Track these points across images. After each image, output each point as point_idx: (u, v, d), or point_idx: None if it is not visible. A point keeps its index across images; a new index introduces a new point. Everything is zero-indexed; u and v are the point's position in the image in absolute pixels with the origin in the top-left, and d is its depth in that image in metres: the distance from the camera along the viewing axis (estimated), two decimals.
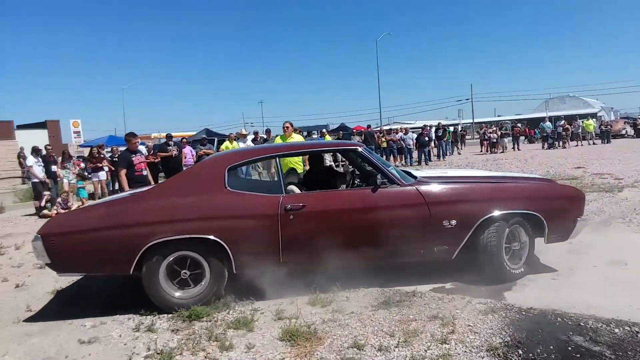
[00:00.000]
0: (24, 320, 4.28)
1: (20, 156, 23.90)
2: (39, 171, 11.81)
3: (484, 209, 4.36)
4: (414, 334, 3.44)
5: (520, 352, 3.08)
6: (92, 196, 13.14)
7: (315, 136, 21.47)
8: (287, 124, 8.28)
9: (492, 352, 3.10)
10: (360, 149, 4.72)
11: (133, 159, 6.98)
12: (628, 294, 3.94)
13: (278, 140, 9.00)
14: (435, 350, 3.18)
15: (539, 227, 4.53)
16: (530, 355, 3.03)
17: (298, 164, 7.51)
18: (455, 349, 3.19)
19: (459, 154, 24.33)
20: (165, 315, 4.11)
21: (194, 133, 28.46)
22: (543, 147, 25.96)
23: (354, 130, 27.29)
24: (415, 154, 20.66)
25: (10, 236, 8.82)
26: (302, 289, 4.38)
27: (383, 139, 20.27)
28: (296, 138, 8.44)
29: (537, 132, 38.31)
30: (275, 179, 7.87)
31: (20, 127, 37.86)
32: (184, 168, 12.80)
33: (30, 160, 11.81)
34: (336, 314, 3.93)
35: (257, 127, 58.79)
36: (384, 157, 20.34)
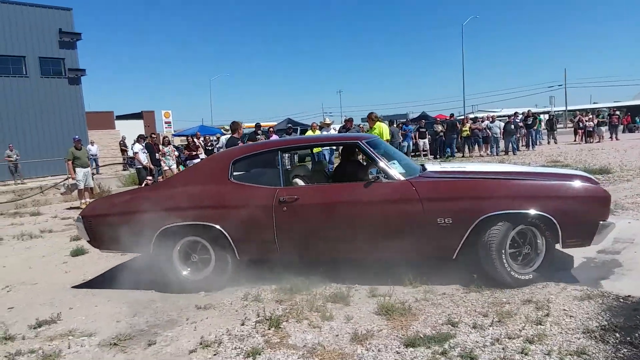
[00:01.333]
0: (144, 289, 4.84)
1: (122, 144, 26.05)
2: (143, 158, 12.90)
3: (484, 207, 4.07)
4: (508, 315, 3.54)
5: (618, 335, 3.10)
6: None
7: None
8: (373, 115, 8.82)
9: (588, 334, 3.15)
10: (360, 143, 4.70)
11: (239, 144, 7.61)
12: None
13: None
14: (530, 330, 3.28)
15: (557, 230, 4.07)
16: (628, 338, 3.04)
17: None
18: (551, 329, 3.27)
19: (555, 142, 23.06)
20: (269, 287, 4.50)
21: (276, 123, 29.38)
22: None
23: (437, 119, 26.80)
24: (502, 144, 19.96)
25: None
26: (389, 272, 4.55)
27: (465, 128, 19.74)
28: (379, 127, 8.74)
29: (637, 120, 35.44)
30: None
31: (119, 117, 41.09)
32: None
33: (137, 147, 12.92)
34: (428, 294, 4.11)
35: (336, 117, 59.29)
36: (468, 146, 19.89)
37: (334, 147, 11.37)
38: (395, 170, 4.40)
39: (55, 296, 4.84)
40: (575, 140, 24.42)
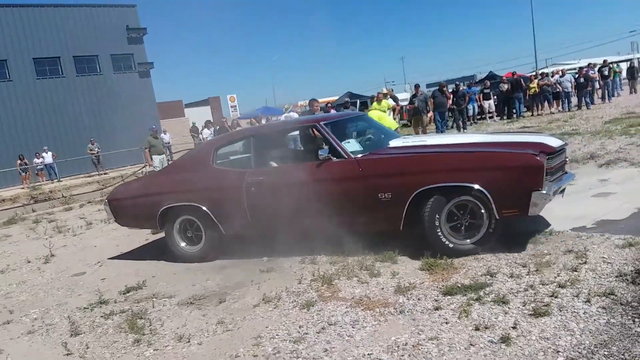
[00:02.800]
0: (216, 259, 5.39)
1: (192, 130, 27.45)
2: None
3: (418, 181, 4.18)
4: (546, 264, 3.70)
5: None
6: None
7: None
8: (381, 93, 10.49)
9: (620, 278, 3.26)
10: (318, 124, 4.96)
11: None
12: None
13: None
14: (564, 276, 3.44)
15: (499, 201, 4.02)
16: None
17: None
18: (585, 275, 3.41)
19: (635, 92, 21.48)
20: (324, 252, 4.87)
21: (337, 97, 29.55)
22: None
23: (504, 78, 25.78)
24: (575, 99, 18.93)
25: None
26: None
27: (532, 85, 18.85)
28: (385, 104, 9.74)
29: None
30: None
31: (187, 105, 43.12)
32: None
33: (206, 132, 13.75)
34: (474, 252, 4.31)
35: (399, 86, 58.28)
36: (537, 105, 19.00)
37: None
38: (345, 150, 4.64)
39: (139, 267, 5.53)
40: None
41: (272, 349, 3.13)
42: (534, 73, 22.72)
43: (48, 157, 20.28)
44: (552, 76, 19.66)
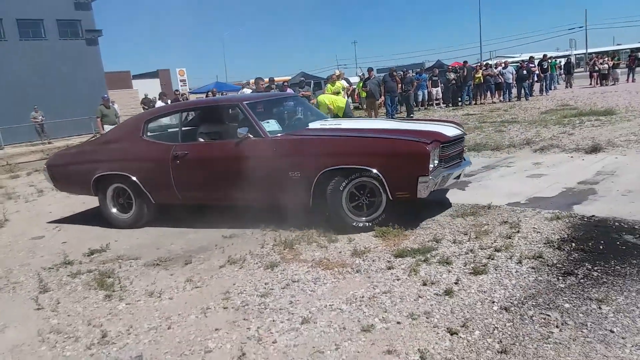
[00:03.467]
0: (178, 227, 5.56)
1: (144, 102, 26.73)
2: None
3: (324, 163, 4.52)
4: (485, 233, 4.18)
5: (574, 244, 3.73)
6: None
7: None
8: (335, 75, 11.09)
9: (548, 244, 3.78)
10: (240, 104, 5.22)
11: None
12: None
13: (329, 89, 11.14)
14: (499, 242, 3.92)
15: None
16: (582, 246, 3.67)
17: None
18: (518, 242, 3.91)
19: (570, 87, 23.01)
20: (285, 223, 5.13)
21: (290, 77, 29.62)
22: None
23: (450, 67, 26.73)
24: (515, 90, 20.03)
25: None
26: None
27: (477, 75, 19.79)
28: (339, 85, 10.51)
29: None
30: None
31: (135, 76, 41.71)
32: None
33: (159, 104, 13.56)
34: (418, 221, 4.75)
35: (351, 69, 58.92)
36: (480, 94, 20.01)
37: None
38: (264, 129, 4.93)
39: (100, 232, 5.61)
40: (590, 84, 24.26)
41: (241, 302, 3.42)
42: (478, 64, 23.69)
43: None
44: (496, 68, 20.67)
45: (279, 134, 5.00)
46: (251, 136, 4.87)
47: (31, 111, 20.25)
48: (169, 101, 13.84)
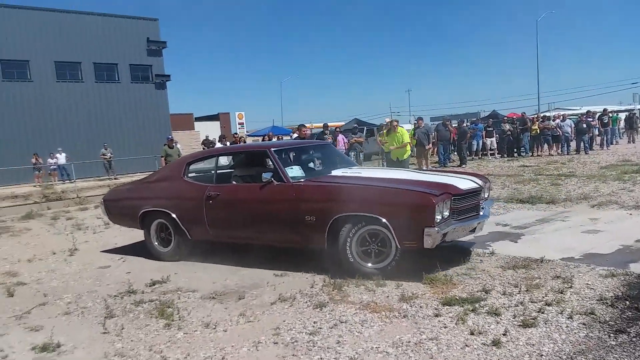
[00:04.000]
0: (231, 265, 5.83)
1: (205, 143, 28.05)
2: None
3: (336, 209, 4.74)
4: (536, 286, 4.16)
5: (627, 302, 3.66)
6: None
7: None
8: (394, 122, 10.96)
9: (601, 301, 3.72)
10: (268, 151, 5.55)
11: None
12: None
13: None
14: (551, 297, 3.90)
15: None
16: (636, 305, 3.59)
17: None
18: (570, 297, 3.87)
19: (633, 142, 22.21)
20: (334, 265, 5.28)
21: (344, 123, 30.27)
22: None
23: (506, 118, 26.49)
24: (574, 143, 19.55)
25: None
26: (437, 256, 5.23)
27: (534, 127, 19.51)
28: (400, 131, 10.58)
29: None
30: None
31: (197, 119, 43.78)
32: None
33: (218, 146, 14.27)
34: (470, 271, 4.78)
35: (404, 116, 59.59)
36: (538, 145, 19.62)
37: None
38: (287, 175, 5.22)
39: (162, 265, 5.95)
40: None
41: (290, 339, 3.57)
42: (535, 115, 23.37)
43: (62, 158, 20.78)
44: (554, 120, 20.34)
45: (302, 180, 5.25)
46: (274, 181, 5.19)
47: (101, 148, 21.70)
48: (228, 143, 14.55)
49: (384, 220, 4.50)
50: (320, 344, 3.45)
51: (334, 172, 5.65)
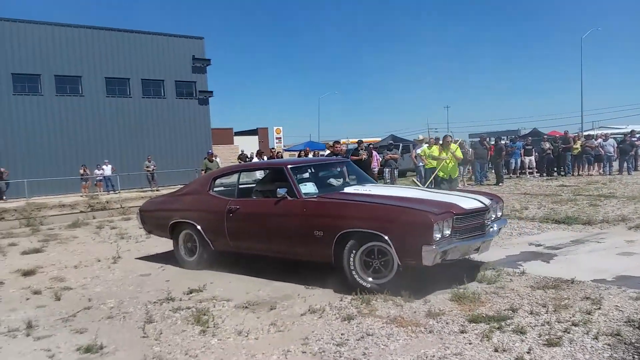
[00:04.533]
0: (263, 277, 6.04)
1: (240, 157, 28.70)
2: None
3: (341, 225, 4.93)
4: (564, 307, 4.17)
5: None
6: None
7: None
8: (448, 137, 10.24)
9: (629, 323, 3.72)
10: (284, 167, 5.77)
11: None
12: None
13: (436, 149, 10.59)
14: (578, 317, 3.91)
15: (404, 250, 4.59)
16: None
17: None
18: (597, 318, 3.87)
19: None
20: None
21: (381, 139, 30.36)
22: None
23: (546, 136, 25.97)
24: (617, 163, 18.99)
25: None
26: (466, 269, 5.30)
27: (575, 146, 19.05)
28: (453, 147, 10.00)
29: None
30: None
31: (237, 133, 44.88)
32: (373, 170, 14.40)
33: (255, 160, 14.63)
34: (499, 289, 4.81)
35: (442, 133, 59.03)
36: (579, 166, 19.13)
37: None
38: (300, 191, 5.48)
39: (199, 274, 6.22)
40: None
41: (318, 349, 3.72)
42: (577, 134, 22.81)
43: (107, 170, 21.80)
44: (596, 139, 19.82)
45: (314, 196, 5.50)
46: (288, 196, 5.44)
47: (145, 161, 22.59)
48: (265, 157, 14.90)
49: (385, 237, 4.64)
50: (346, 354, 3.58)
51: (347, 189, 5.84)
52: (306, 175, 6.12)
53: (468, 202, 5.12)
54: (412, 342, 3.74)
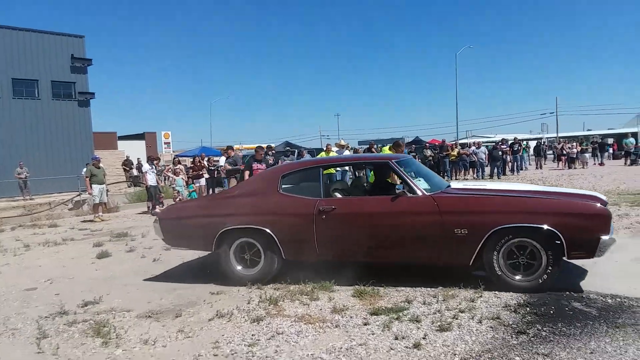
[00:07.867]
0: (167, 281, 5.90)
1: (125, 164, 27.15)
2: (150, 178, 13.79)
3: (496, 220, 4.61)
4: (452, 297, 4.64)
5: (528, 308, 4.21)
6: None
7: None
8: (400, 142, 9.70)
9: (506, 308, 4.26)
10: (390, 162, 5.40)
11: (254, 165, 9.05)
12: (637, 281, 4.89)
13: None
14: (464, 304, 4.38)
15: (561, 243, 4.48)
16: (535, 311, 4.15)
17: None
18: (480, 305, 4.38)
19: (540, 168, 24.44)
20: (270, 282, 5.53)
21: (274, 145, 30.62)
22: (625, 164, 25.29)
23: (427, 144, 28.11)
24: (488, 168, 21.18)
25: (133, 228, 10.82)
26: (371, 272, 5.64)
27: (453, 153, 20.99)
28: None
29: (625, 141, 36.67)
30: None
31: (121, 137, 42.34)
32: None
33: (146, 167, 14.01)
34: (395, 285, 5.19)
35: (333, 140, 60.92)
36: (455, 171, 21.11)
37: (346, 169, 12.40)
38: (419, 186, 5.08)
39: (92, 286, 5.88)
40: (558, 167, 25.70)
41: (230, 351, 3.76)
42: (454, 142, 25.08)
43: None
44: (470, 147, 21.96)
45: (434, 192, 5.08)
46: (408, 193, 5.04)
47: (16, 167, 20.47)
48: (182, 166, 14.27)
49: (556, 231, 4.43)
50: (259, 354, 3.67)
51: (454, 185, 5.65)
52: (410, 170, 5.49)
53: (595, 193, 5.24)
54: (320, 337, 3.94)
